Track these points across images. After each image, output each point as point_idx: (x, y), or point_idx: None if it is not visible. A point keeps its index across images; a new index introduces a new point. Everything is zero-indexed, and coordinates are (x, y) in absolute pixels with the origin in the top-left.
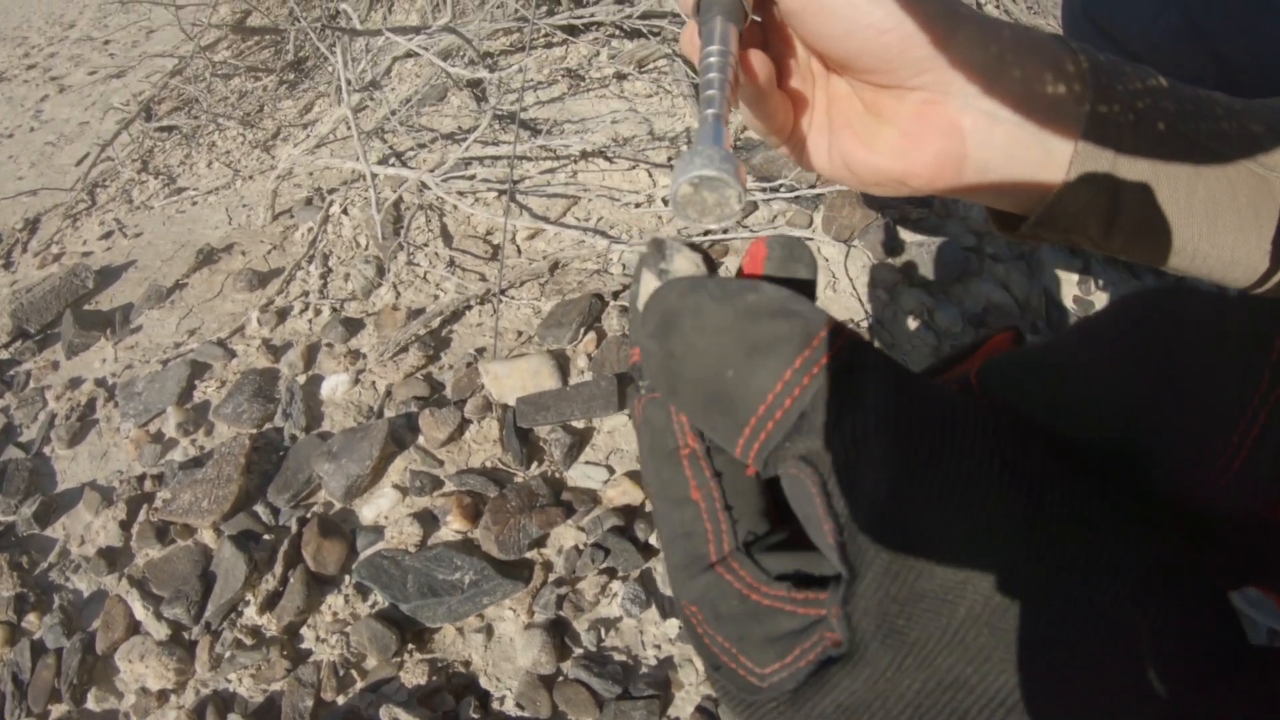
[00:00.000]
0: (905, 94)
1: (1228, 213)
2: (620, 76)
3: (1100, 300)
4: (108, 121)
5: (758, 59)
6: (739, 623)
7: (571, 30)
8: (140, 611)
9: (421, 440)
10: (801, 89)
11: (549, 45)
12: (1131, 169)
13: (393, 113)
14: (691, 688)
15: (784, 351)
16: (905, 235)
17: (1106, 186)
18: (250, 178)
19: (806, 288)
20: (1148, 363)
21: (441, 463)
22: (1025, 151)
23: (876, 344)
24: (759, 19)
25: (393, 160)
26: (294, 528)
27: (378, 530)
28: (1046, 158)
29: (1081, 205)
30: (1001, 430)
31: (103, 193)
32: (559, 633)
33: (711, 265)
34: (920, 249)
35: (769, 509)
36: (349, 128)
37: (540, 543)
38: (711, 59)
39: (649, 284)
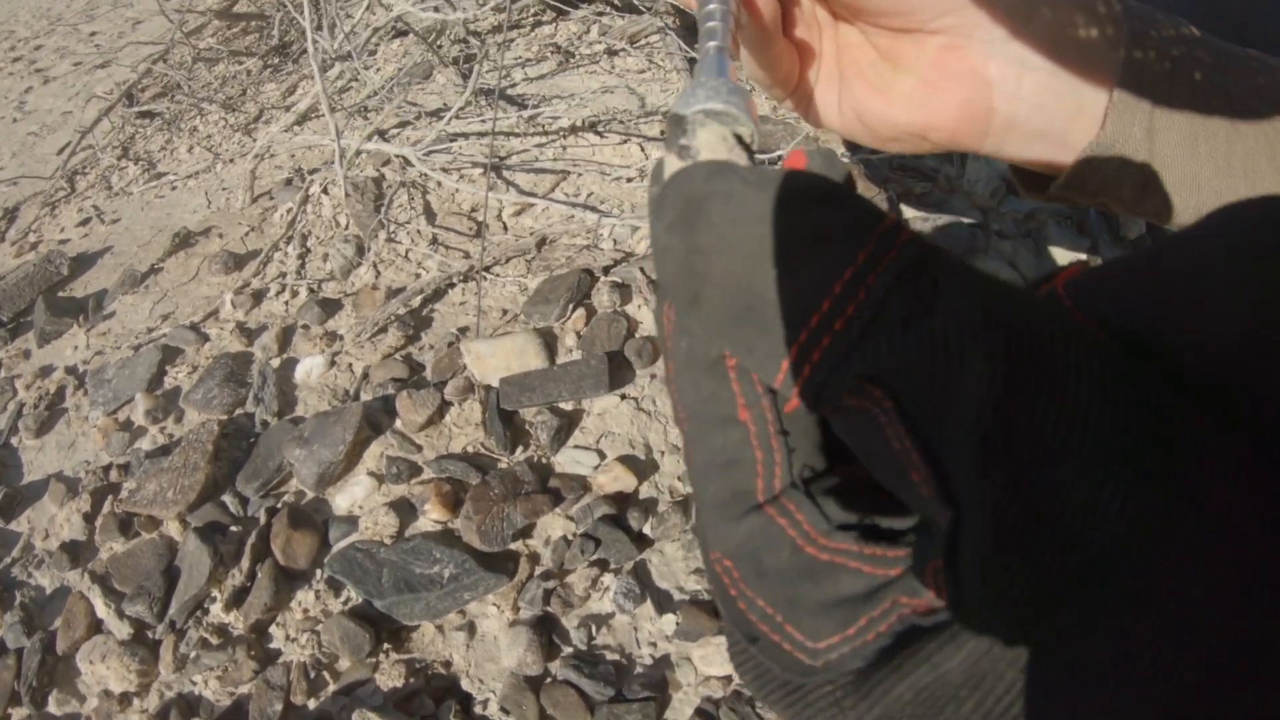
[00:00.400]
0: (924, 39)
1: (1266, 173)
2: (611, 52)
3: None
4: (90, 110)
5: None
6: (789, 582)
7: (563, 1)
8: (102, 609)
9: (399, 424)
10: (807, 38)
11: (538, 23)
12: (1169, 124)
13: (376, 91)
14: (690, 689)
15: (842, 244)
16: (909, 211)
17: (1142, 145)
18: (231, 161)
19: None
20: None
21: (420, 448)
22: (1057, 103)
23: None
24: None
25: (375, 138)
26: (263, 519)
27: (351, 521)
28: (1080, 110)
29: (1116, 165)
30: (1110, 345)
31: (82, 180)
32: (546, 630)
33: (747, 146)
34: (924, 225)
35: (825, 444)
36: (323, 95)
37: (526, 533)
38: None
39: (672, 169)
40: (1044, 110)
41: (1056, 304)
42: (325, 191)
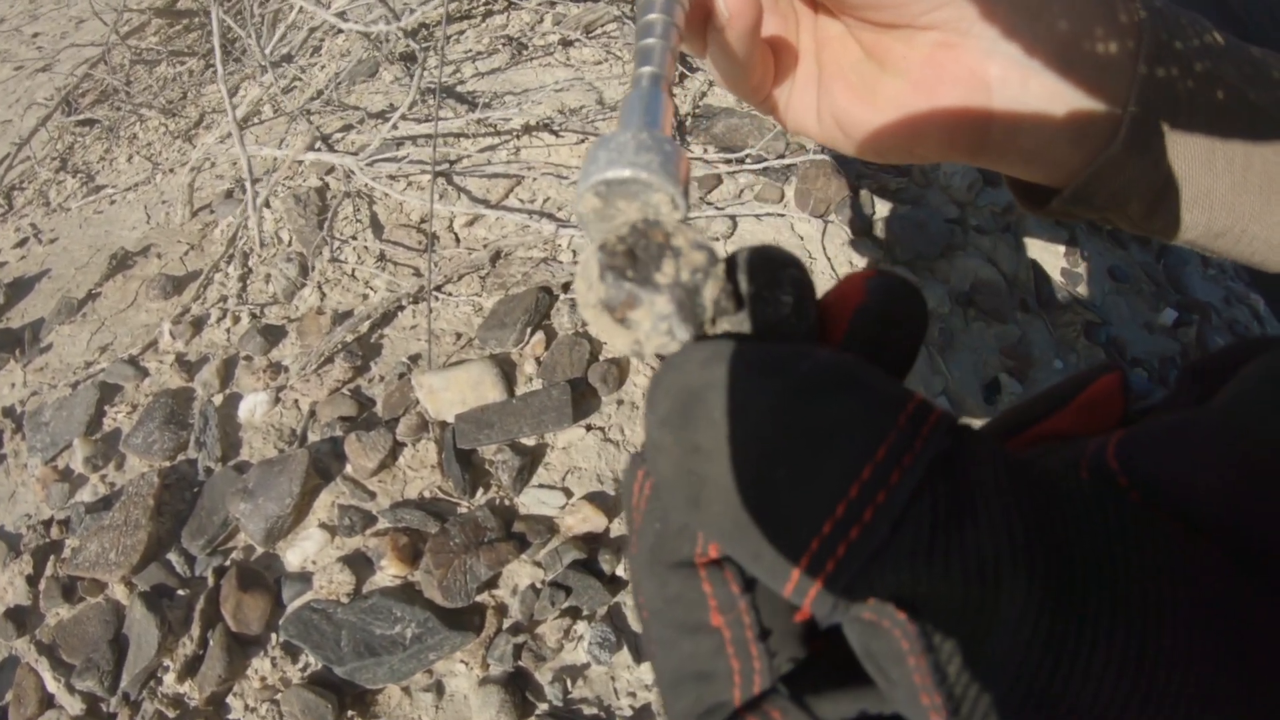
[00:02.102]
0: (915, 35)
1: None
2: (566, 43)
3: (1085, 272)
4: (29, 118)
5: None
6: None
7: None
8: (52, 683)
9: (349, 469)
10: (783, 32)
11: (489, 13)
12: (1186, 138)
13: (320, 92)
14: None
15: (860, 439)
16: (885, 207)
17: (1157, 159)
18: (171, 171)
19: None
20: None
21: (373, 494)
22: (1065, 110)
23: None
24: None
25: (319, 144)
26: (211, 580)
27: (305, 578)
28: (1090, 120)
29: (1127, 180)
30: (1187, 555)
31: (19, 196)
32: (519, 687)
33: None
34: (901, 222)
35: (808, 628)
36: (231, 114)
37: (491, 584)
38: None
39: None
40: (1050, 118)
41: (1116, 501)
42: (267, 204)
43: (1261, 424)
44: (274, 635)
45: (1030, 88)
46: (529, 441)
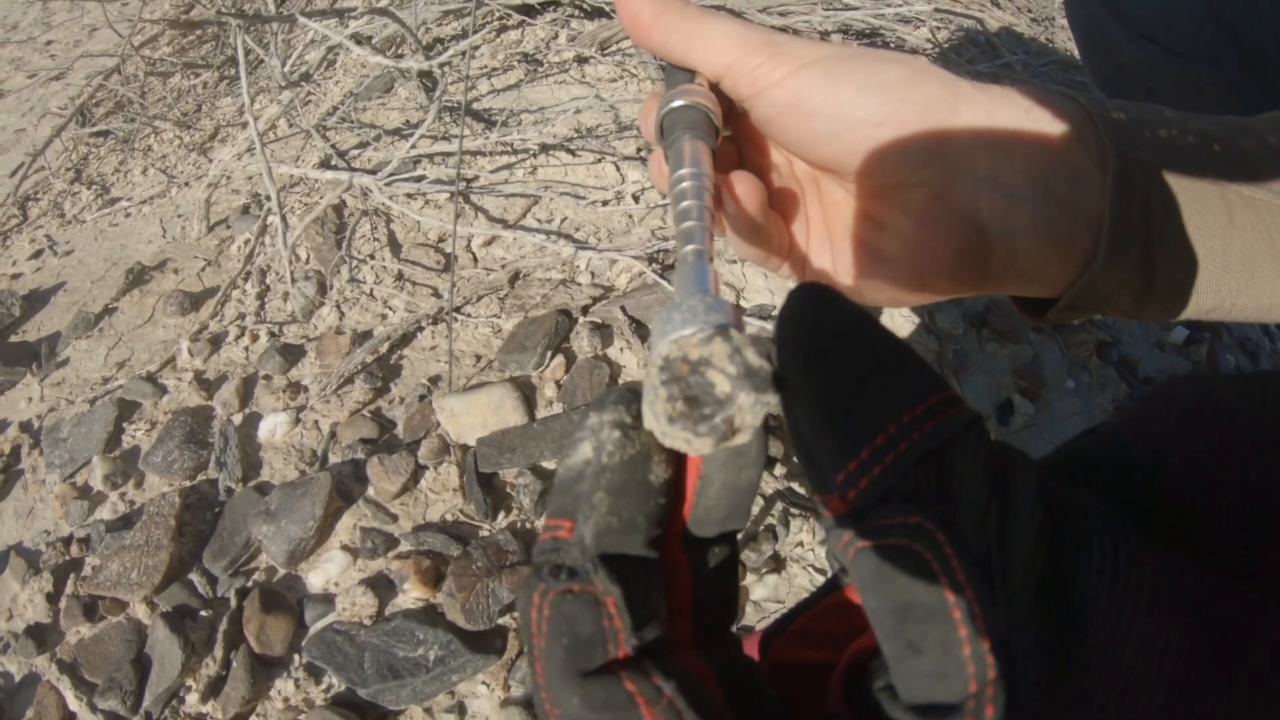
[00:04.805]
0: (908, 192)
1: (1265, 261)
2: (581, 60)
3: None
4: (44, 128)
5: (746, 184)
6: None
7: (527, 10)
8: (74, 702)
9: (371, 492)
10: (790, 203)
11: (503, 29)
12: (1165, 234)
13: (335, 108)
14: None
15: (925, 380)
16: None
17: (1138, 263)
18: (186, 184)
19: None
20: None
21: (395, 517)
22: (1051, 233)
23: None
24: (729, 133)
25: (335, 161)
26: (233, 601)
27: (327, 599)
28: (1074, 237)
29: (1113, 287)
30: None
31: (34, 207)
32: None
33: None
34: None
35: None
36: (256, 136)
37: (513, 607)
38: (684, 184)
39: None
40: (1039, 241)
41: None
42: (284, 221)
43: (1116, 442)
44: (297, 657)
45: (1017, 218)
46: (550, 465)
